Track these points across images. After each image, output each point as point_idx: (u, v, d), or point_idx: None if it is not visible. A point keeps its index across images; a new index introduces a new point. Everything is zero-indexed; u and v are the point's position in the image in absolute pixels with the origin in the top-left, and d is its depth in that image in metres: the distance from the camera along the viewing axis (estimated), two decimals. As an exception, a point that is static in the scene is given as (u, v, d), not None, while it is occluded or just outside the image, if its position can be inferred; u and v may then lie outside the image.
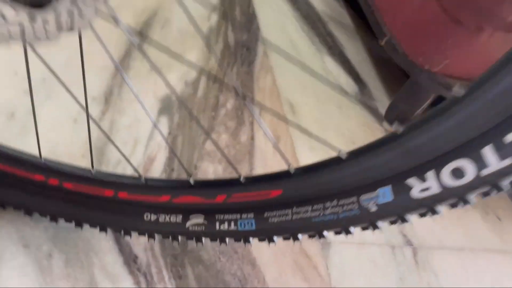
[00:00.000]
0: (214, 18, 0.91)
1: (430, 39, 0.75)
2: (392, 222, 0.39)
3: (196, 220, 0.46)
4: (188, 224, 0.47)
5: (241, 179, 0.43)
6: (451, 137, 0.32)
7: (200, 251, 0.56)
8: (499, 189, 0.32)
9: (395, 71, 1.05)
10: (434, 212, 0.36)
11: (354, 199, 0.39)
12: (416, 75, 0.77)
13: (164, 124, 0.67)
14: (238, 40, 0.88)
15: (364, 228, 0.41)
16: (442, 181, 0.33)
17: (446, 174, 0.33)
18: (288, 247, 0.63)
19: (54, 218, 0.48)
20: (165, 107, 0.69)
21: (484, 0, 0.73)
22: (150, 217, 0.47)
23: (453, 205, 0.35)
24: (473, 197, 0.34)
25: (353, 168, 0.37)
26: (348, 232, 0.41)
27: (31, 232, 0.49)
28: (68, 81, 0.42)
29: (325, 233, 0.42)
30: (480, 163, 0.31)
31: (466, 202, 0.34)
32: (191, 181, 0.44)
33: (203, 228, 0.46)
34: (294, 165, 0.40)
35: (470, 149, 0.31)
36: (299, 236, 0.44)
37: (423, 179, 0.34)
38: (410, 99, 0.87)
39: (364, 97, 0.95)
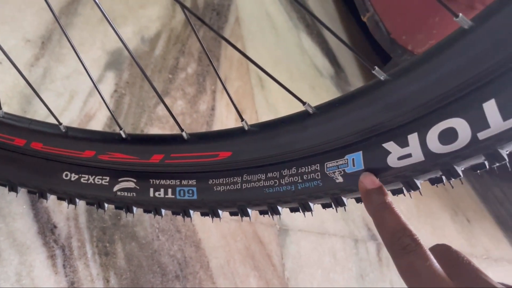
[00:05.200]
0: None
1: (415, 15, 0.68)
2: (360, 199, 0.32)
3: (125, 185, 0.38)
4: (116, 188, 0.38)
5: (184, 135, 0.35)
6: (444, 84, 0.25)
7: (136, 226, 0.48)
8: (495, 160, 0.25)
9: (374, 59, 1.00)
10: (411, 187, 0.29)
11: (317, 166, 0.32)
12: (397, 56, 0.71)
13: (110, 80, 0.58)
14: (208, 2, 0.80)
15: (325, 205, 0.34)
16: (427, 146, 0.27)
17: (433, 137, 0.26)
18: (241, 230, 0.55)
19: (-51, 170, 0.39)
20: (114, 62, 0.60)
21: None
22: (70, 176, 0.38)
23: (434, 181, 0.29)
24: (461, 169, 0.27)
25: (320, 127, 0.30)
26: (307, 208, 0.34)
27: None
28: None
29: (279, 208, 0.35)
30: (478, 123, 0.24)
31: (451, 175, 0.27)
32: (123, 134, 0.36)
33: (134, 194, 0.38)
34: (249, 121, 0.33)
35: (466, 104, 0.25)
36: (249, 211, 0.36)
37: (404, 144, 0.27)
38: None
39: (340, 81, 0.89)
